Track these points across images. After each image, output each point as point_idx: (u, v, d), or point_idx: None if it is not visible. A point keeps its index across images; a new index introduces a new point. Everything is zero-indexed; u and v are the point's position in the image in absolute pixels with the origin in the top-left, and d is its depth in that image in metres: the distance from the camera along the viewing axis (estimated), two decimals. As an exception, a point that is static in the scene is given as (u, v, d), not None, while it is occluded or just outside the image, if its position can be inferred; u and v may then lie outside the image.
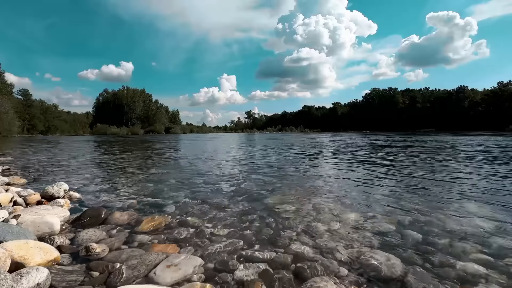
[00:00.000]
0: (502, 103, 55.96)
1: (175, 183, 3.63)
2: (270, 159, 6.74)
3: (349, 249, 1.59)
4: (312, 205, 2.52)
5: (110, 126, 67.55)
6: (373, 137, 20.75)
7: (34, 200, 2.50)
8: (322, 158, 6.86)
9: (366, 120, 77.09)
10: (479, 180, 3.66)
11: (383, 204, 2.54)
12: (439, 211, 2.29)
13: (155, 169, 5.04)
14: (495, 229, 1.87)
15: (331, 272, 1.35)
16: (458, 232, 1.83)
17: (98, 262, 1.42)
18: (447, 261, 1.44)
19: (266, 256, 1.51)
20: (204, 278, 1.31)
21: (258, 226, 1.99)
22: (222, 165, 5.67)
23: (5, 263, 1.18)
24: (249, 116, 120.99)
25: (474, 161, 5.61)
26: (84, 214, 2.10)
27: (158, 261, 1.39)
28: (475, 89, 65.28)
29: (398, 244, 1.66)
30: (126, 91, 78.19)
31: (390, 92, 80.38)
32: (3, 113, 42.22)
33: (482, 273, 1.32)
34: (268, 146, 12.48)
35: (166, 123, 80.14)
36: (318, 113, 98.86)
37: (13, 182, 3.45)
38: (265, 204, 2.58)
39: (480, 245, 1.63)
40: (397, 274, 1.31)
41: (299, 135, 38.33)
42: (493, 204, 2.50)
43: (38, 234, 1.70)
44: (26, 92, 59.82)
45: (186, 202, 2.66)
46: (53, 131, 59.97)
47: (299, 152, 8.65)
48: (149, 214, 2.25)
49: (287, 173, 4.42)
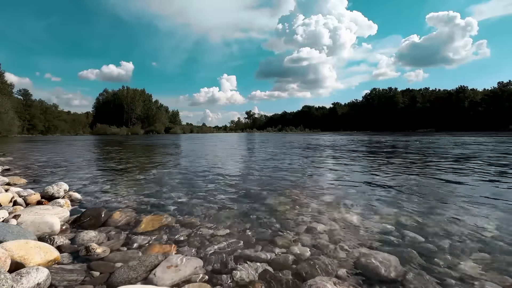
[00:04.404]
0: (502, 103, 56.01)
1: (175, 183, 3.63)
2: (270, 158, 6.74)
3: (349, 249, 1.59)
4: (312, 205, 2.52)
5: (110, 126, 67.56)
6: (373, 137, 20.75)
7: (34, 200, 2.50)
8: (322, 158, 6.86)
9: (366, 120, 77.12)
10: (480, 180, 3.65)
11: (383, 204, 2.54)
12: (439, 211, 2.29)
13: (155, 169, 5.04)
14: (495, 229, 1.87)
15: (331, 272, 1.35)
16: (458, 232, 1.83)
17: (98, 262, 1.42)
18: (447, 261, 1.44)
19: (266, 257, 1.51)
20: (204, 278, 1.31)
21: (258, 226, 1.99)
22: (222, 165, 5.67)
23: (5, 263, 1.18)
24: (249, 116, 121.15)
25: (474, 161, 5.60)
26: (84, 214, 2.10)
27: (158, 262, 1.39)
28: (475, 89, 65.35)
29: (398, 245, 1.66)
30: (126, 91, 78.19)
31: (390, 92, 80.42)
32: (3, 113, 42.22)
33: (482, 273, 1.32)
34: (268, 146, 12.48)
35: (166, 123, 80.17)
36: (318, 113, 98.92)
37: (13, 182, 3.45)
38: (265, 204, 2.58)
39: (480, 245, 1.63)
40: (397, 274, 1.31)
41: (299, 135, 38.31)
42: (493, 204, 2.49)
43: (38, 234, 1.70)
44: (26, 92, 59.99)
45: (186, 202, 2.66)
46: (53, 131, 60.01)
47: (299, 152, 8.65)
48: (149, 214, 2.24)
49: (287, 173, 4.42)
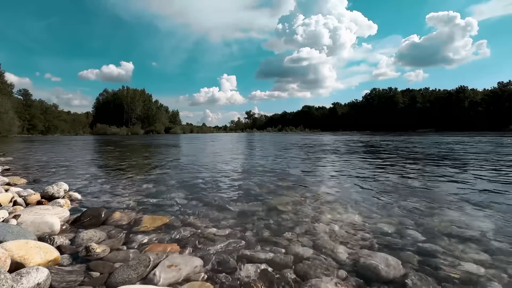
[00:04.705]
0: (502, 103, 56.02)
1: (175, 183, 3.62)
2: (270, 159, 6.74)
3: (349, 250, 1.59)
4: (313, 205, 2.52)
5: (110, 126, 67.51)
6: (373, 137, 20.75)
7: (34, 200, 2.50)
8: (322, 158, 6.86)
9: (366, 120, 77.11)
10: (480, 180, 3.65)
11: (384, 204, 2.54)
12: (440, 212, 2.29)
13: (155, 169, 5.04)
14: (496, 230, 1.87)
15: (331, 272, 1.35)
16: (458, 232, 1.83)
17: (98, 262, 1.42)
18: (447, 262, 1.44)
19: (266, 257, 1.50)
20: (204, 278, 1.31)
21: (258, 226, 1.99)
22: (223, 165, 5.66)
23: (5, 263, 1.18)
24: (249, 116, 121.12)
25: (475, 161, 5.60)
26: (84, 214, 2.10)
27: (158, 261, 1.39)
28: (475, 89, 65.32)
29: (398, 245, 1.65)
30: (126, 91, 78.13)
31: (390, 92, 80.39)
32: (3, 113, 42.21)
33: (482, 274, 1.32)
34: (268, 146, 12.48)
35: (166, 123, 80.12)
36: (318, 113, 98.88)
37: (13, 182, 3.45)
38: (266, 204, 2.57)
39: (480, 245, 1.63)
40: (397, 275, 1.31)
41: (299, 135, 38.31)
42: (493, 204, 2.49)
43: (38, 234, 1.70)
44: (26, 92, 59.94)
45: (186, 202, 2.66)
46: (53, 131, 60.00)
47: (299, 152, 8.65)
48: (149, 214, 2.24)
49: (287, 173, 4.42)
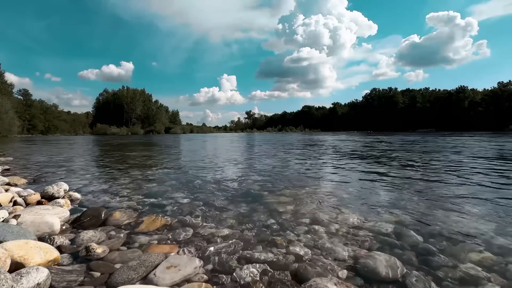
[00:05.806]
0: (502, 103, 56.01)
1: (175, 184, 3.63)
2: (270, 159, 6.74)
3: (349, 250, 1.59)
4: (312, 205, 2.52)
5: (110, 126, 67.57)
6: (373, 137, 20.74)
7: (34, 200, 2.50)
8: (322, 158, 6.86)
9: (366, 120, 77.10)
10: (480, 180, 3.65)
11: (383, 204, 2.54)
12: (440, 212, 2.28)
13: (155, 169, 5.04)
14: (496, 230, 1.87)
15: (331, 273, 1.35)
16: (458, 232, 1.83)
17: (98, 263, 1.42)
18: (447, 262, 1.44)
19: (266, 257, 1.50)
20: (204, 278, 1.31)
21: (258, 226, 1.99)
22: (222, 165, 5.66)
23: (5, 263, 1.18)
24: (249, 116, 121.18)
25: (475, 161, 5.60)
26: (84, 214, 2.10)
27: (158, 262, 1.39)
28: (475, 89, 65.34)
29: (398, 245, 1.65)
30: (126, 91, 78.19)
31: (390, 92, 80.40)
32: (3, 113, 42.23)
33: (482, 274, 1.32)
34: (268, 146, 12.48)
35: (166, 123, 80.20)
36: (318, 113, 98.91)
37: (13, 182, 3.45)
38: (266, 204, 2.57)
39: (480, 246, 1.62)
40: (397, 275, 1.31)
41: (299, 135, 38.30)
42: (493, 204, 2.49)
43: (38, 234, 1.70)
44: (26, 92, 60.01)
45: (186, 202, 2.66)
46: (53, 131, 60.03)
47: (299, 152, 8.65)
48: (149, 214, 2.24)
49: (287, 174, 4.42)
